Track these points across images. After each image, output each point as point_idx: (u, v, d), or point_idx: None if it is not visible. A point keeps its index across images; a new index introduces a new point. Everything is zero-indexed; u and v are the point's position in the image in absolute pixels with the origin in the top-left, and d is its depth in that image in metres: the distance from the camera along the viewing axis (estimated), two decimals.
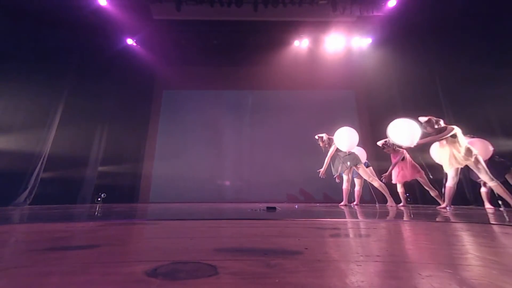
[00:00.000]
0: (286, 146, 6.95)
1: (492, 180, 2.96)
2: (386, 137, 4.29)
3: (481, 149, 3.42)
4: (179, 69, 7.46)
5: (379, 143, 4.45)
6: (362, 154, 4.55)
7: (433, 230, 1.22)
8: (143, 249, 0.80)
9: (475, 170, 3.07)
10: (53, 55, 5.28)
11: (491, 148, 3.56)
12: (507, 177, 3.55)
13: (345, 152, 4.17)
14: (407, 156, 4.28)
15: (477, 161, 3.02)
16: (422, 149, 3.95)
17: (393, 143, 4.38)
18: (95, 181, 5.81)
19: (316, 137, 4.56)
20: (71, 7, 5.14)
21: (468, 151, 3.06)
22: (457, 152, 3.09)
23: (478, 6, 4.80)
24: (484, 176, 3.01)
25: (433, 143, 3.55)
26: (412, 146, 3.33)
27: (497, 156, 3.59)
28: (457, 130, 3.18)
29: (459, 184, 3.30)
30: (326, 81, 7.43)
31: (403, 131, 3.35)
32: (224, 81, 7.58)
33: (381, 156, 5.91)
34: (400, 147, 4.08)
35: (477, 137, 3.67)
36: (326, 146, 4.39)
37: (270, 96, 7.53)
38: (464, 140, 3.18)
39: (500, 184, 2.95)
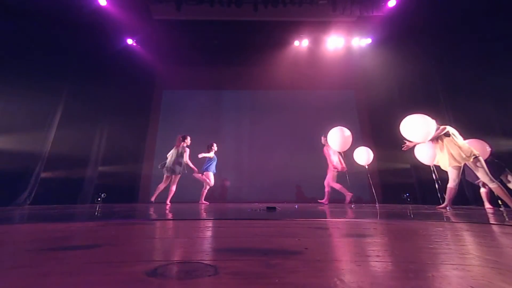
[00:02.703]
0: (286, 146, 6.95)
1: (493, 182, 2.96)
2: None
3: (478, 149, 3.44)
4: (179, 69, 7.46)
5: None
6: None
7: (433, 230, 1.22)
8: (143, 249, 0.80)
9: (475, 171, 3.07)
10: (52, 55, 5.27)
11: (488, 149, 3.60)
12: (502, 177, 3.56)
13: None
14: None
15: (478, 162, 3.02)
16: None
17: None
18: (95, 181, 5.81)
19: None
20: (71, 7, 5.14)
21: (468, 150, 3.06)
22: (454, 151, 3.11)
23: (478, 6, 4.80)
24: (484, 177, 3.00)
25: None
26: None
27: (491, 157, 3.62)
28: (450, 129, 3.21)
29: (459, 184, 3.31)
30: (326, 81, 7.42)
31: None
32: (224, 81, 7.57)
33: (381, 155, 5.93)
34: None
35: (474, 138, 3.69)
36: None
37: (270, 96, 7.52)
38: (462, 139, 3.20)
39: (500, 185, 2.95)
